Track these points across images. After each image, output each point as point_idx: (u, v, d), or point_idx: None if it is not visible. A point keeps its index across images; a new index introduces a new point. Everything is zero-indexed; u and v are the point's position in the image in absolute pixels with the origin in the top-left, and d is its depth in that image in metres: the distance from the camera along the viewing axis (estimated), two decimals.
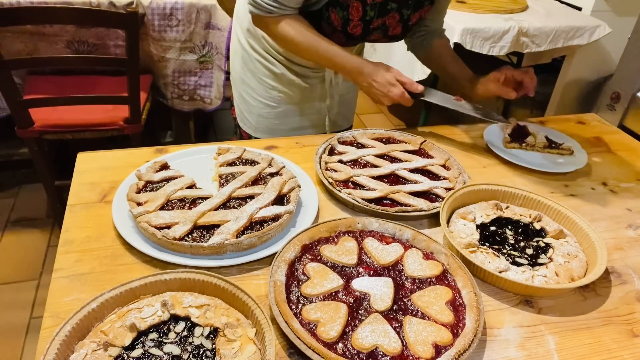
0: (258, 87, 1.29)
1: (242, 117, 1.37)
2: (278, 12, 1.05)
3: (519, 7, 2.25)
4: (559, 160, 1.15)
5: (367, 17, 1.10)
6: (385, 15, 1.12)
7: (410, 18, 1.16)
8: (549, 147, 1.17)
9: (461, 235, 0.86)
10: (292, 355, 0.67)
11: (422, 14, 1.19)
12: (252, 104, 1.32)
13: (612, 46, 2.29)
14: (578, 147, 1.18)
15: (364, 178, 0.99)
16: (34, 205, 2.26)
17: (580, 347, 0.72)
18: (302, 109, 1.32)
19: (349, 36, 1.13)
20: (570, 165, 1.12)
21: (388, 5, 1.10)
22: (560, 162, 1.14)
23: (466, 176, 1.03)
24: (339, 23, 1.09)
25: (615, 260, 0.88)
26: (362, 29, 1.12)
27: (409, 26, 1.19)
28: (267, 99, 1.29)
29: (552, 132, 1.23)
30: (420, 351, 0.66)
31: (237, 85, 1.36)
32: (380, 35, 1.18)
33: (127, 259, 0.80)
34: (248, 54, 1.28)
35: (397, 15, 1.14)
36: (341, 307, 0.71)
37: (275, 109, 1.30)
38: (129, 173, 0.95)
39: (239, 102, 1.38)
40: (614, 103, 1.56)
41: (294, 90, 1.28)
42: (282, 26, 1.07)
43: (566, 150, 1.16)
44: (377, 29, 1.15)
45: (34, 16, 1.57)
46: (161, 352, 0.62)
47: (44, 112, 1.78)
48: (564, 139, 1.20)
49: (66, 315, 0.64)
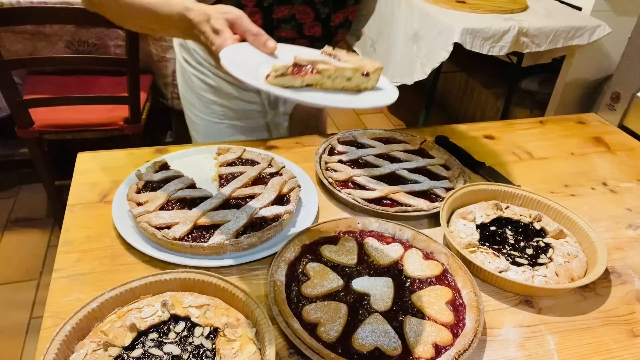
0: (198, 104, 1.20)
1: (194, 138, 1.30)
2: None
3: (519, 7, 2.25)
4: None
5: (265, 4, 0.96)
6: (289, 3, 0.98)
7: (330, 18, 1.03)
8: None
9: (461, 235, 0.86)
10: (292, 355, 0.67)
11: (348, 14, 1.06)
12: (196, 122, 1.24)
13: (612, 46, 2.29)
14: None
15: (364, 178, 0.99)
16: (34, 205, 2.26)
17: (580, 347, 0.72)
18: (249, 124, 1.21)
19: None
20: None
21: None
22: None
23: (466, 176, 1.03)
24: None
25: (615, 260, 0.88)
26: (262, 18, 0.98)
27: (330, 27, 1.06)
28: (208, 114, 1.21)
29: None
30: (420, 351, 0.66)
31: (183, 105, 1.27)
32: (293, 33, 1.04)
33: (127, 259, 0.80)
34: (184, 69, 1.18)
35: (311, 10, 1.01)
36: (341, 307, 0.71)
37: (219, 125, 1.21)
38: (129, 173, 0.95)
39: (188, 122, 1.30)
40: (614, 103, 1.56)
41: (234, 102, 1.17)
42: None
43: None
44: (286, 23, 1.01)
45: (34, 16, 1.57)
46: (161, 352, 0.62)
47: (44, 112, 1.78)
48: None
49: (66, 315, 0.64)
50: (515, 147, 1.21)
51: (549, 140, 1.26)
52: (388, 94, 0.72)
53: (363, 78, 0.70)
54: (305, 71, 0.67)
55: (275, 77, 0.64)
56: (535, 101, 2.67)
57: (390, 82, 0.75)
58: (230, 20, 0.72)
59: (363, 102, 0.69)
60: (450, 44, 2.00)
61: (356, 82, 0.70)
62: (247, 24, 0.72)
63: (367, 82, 0.71)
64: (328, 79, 0.69)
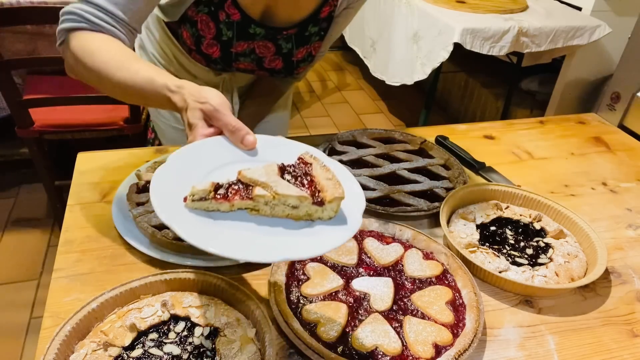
0: (164, 110, 1.16)
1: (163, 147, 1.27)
2: (105, 23, 0.78)
3: (519, 7, 2.25)
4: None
5: (224, 37, 0.94)
6: (249, 40, 0.96)
7: (292, 53, 1.01)
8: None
9: (461, 235, 0.86)
10: (292, 355, 0.67)
11: (311, 50, 1.03)
12: (163, 128, 1.22)
13: (612, 46, 2.29)
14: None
15: (364, 178, 0.99)
16: (34, 205, 2.26)
17: (580, 347, 0.72)
18: None
19: (208, 58, 0.98)
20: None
21: (250, 28, 0.94)
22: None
23: (466, 176, 1.03)
24: (191, 41, 0.95)
25: (615, 260, 0.88)
26: (220, 50, 0.96)
27: (292, 62, 1.03)
28: (172, 121, 1.18)
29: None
30: (420, 351, 0.66)
31: (150, 112, 1.24)
32: (253, 66, 1.02)
33: (127, 259, 0.80)
34: None
35: (272, 45, 0.98)
36: (341, 307, 0.71)
37: (184, 132, 1.17)
38: (129, 173, 0.95)
39: (157, 130, 1.26)
40: (614, 103, 1.56)
41: None
42: (87, 39, 0.77)
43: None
44: (245, 56, 0.99)
45: (34, 16, 1.57)
46: (161, 352, 0.62)
47: (44, 112, 1.78)
48: None
49: (66, 315, 0.64)
50: (515, 147, 1.21)
51: (549, 140, 1.26)
52: (343, 231, 0.57)
53: (315, 207, 0.57)
54: (231, 196, 0.56)
55: (192, 201, 0.56)
56: (535, 101, 2.67)
57: (358, 212, 0.59)
58: (206, 112, 0.66)
59: (299, 250, 0.54)
60: (450, 44, 2.00)
61: (306, 210, 0.57)
62: (224, 118, 0.65)
63: (321, 212, 0.57)
64: (266, 205, 0.57)
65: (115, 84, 0.75)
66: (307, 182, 0.59)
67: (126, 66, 0.74)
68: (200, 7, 0.90)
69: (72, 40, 0.78)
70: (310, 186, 0.59)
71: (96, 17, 0.77)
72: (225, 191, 0.57)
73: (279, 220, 0.58)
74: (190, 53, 0.99)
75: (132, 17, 0.80)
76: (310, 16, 0.97)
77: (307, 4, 0.95)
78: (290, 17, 0.96)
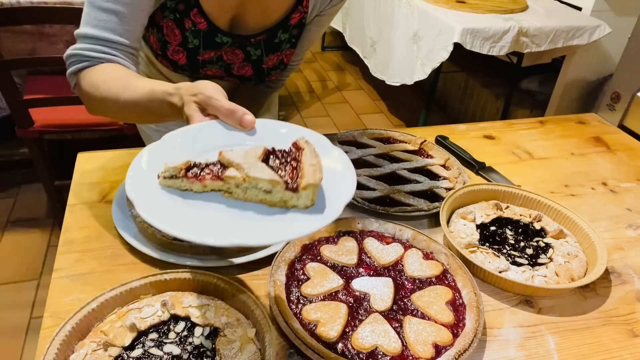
0: None
1: None
2: (103, 54, 0.80)
3: (519, 7, 2.25)
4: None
5: (190, 45, 0.93)
6: (217, 48, 0.95)
7: (262, 60, 0.99)
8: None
9: (461, 235, 0.86)
10: (292, 355, 0.67)
11: (282, 57, 1.02)
12: (148, 133, 1.22)
13: (612, 46, 2.29)
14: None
15: (364, 178, 0.99)
16: (34, 205, 2.26)
17: (580, 347, 0.72)
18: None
19: (175, 64, 0.97)
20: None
21: (217, 37, 0.93)
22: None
23: (466, 176, 1.03)
24: (157, 46, 0.94)
25: (615, 260, 0.88)
26: (187, 57, 0.95)
27: (263, 70, 1.02)
28: (159, 125, 1.17)
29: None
30: (420, 351, 0.66)
31: None
32: (221, 72, 1.01)
33: (127, 259, 0.80)
34: None
35: (240, 52, 0.97)
36: (341, 307, 0.71)
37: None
38: None
39: (142, 136, 1.26)
40: (614, 103, 1.56)
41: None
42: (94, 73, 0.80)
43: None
44: (212, 63, 0.98)
45: (34, 16, 1.57)
46: (161, 352, 0.62)
47: (44, 112, 1.78)
48: None
49: (66, 315, 0.64)
50: (515, 147, 1.21)
51: (549, 140, 1.26)
52: (313, 221, 0.53)
53: (290, 193, 0.54)
54: (202, 176, 0.55)
55: (164, 178, 0.55)
56: (535, 101, 2.67)
57: (340, 203, 0.54)
58: (200, 102, 0.66)
59: (254, 236, 0.50)
60: (450, 44, 2.00)
61: (280, 196, 0.54)
62: (217, 103, 0.64)
63: (296, 199, 0.54)
64: (237, 188, 0.55)
65: (124, 105, 0.77)
66: (291, 167, 0.56)
67: (127, 86, 0.76)
68: (166, 12, 0.89)
69: (81, 81, 0.82)
70: (292, 171, 0.56)
71: (94, 52, 0.80)
72: (199, 170, 0.56)
73: (251, 205, 0.55)
74: (157, 58, 0.98)
75: (129, 38, 0.82)
76: (279, 22, 0.95)
77: (275, 10, 0.94)
78: (258, 23, 0.95)
